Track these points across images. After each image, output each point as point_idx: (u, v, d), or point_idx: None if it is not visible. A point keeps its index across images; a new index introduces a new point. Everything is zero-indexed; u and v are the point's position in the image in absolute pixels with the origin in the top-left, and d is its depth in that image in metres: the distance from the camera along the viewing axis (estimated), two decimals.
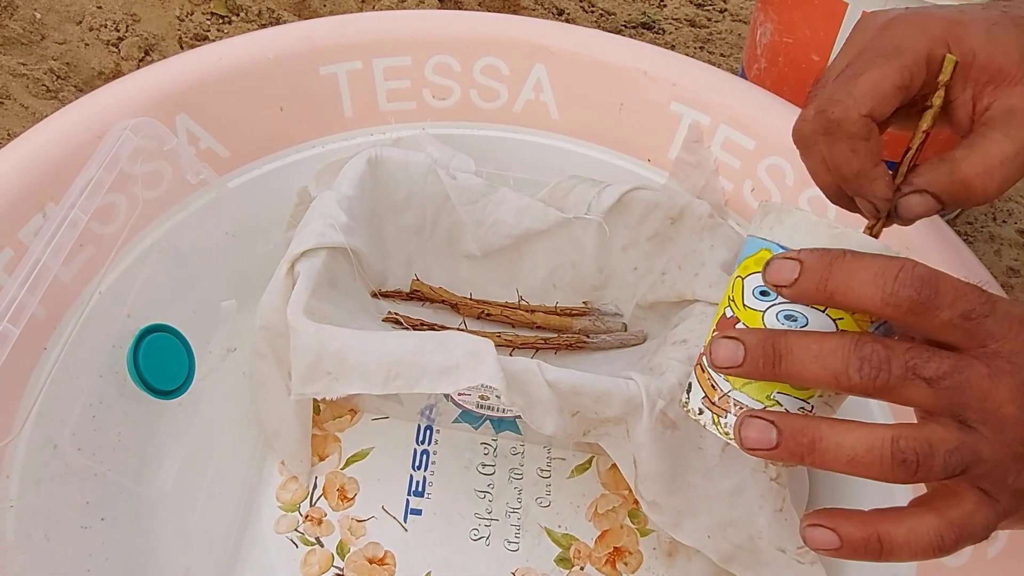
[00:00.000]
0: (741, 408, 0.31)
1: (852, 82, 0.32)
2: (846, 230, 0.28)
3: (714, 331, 0.32)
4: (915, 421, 0.29)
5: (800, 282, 0.28)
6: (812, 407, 0.30)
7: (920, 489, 0.31)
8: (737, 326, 0.31)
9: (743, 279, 0.31)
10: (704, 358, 0.32)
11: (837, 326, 0.29)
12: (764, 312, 0.30)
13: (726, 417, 0.31)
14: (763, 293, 0.30)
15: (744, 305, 0.31)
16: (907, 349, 0.27)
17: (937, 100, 0.33)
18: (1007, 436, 0.27)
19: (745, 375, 0.29)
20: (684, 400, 0.33)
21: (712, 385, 0.32)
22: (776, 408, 0.30)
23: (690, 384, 0.33)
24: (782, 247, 0.29)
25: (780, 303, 0.30)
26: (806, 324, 0.29)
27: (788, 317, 0.29)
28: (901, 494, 0.45)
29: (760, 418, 0.28)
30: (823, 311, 0.29)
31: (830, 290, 0.27)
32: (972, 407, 0.27)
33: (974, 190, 0.32)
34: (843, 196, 0.36)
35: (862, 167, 0.33)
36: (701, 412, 0.32)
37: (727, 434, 0.31)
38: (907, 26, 0.33)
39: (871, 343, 0.27)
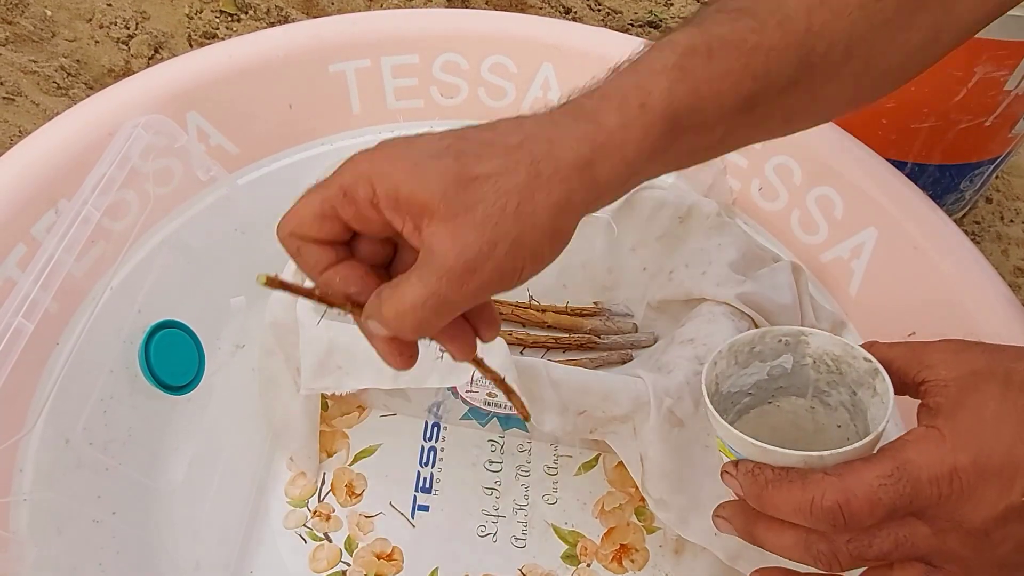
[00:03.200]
0: None
1: (294, 203, 0.32)
2: (767, 447, 0.31)
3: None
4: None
5: (745, 498, 0.32)
6: None
7: None
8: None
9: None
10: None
11: None
12: None
13: None
14: None
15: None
16: (848, 540, 0.30)
17: None
18: (973, 567, 0.30)
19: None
20: None
21: None
22: None
23: None
24: (729, 445, 0.34)
25: None
26: None
27: None
28: None
29: None
30: None
31: (769, 512, 0.31)
32: (930, 557, 0.30)
33: (395, 330, 0.30)
34: None
35: (308, 272, 0.32)
36: None
37: None
38: (340, 164, 0.31)
39: (816, 542, 0.30)
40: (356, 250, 0.32)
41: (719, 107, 0.31)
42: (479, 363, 0.34)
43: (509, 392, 0.36)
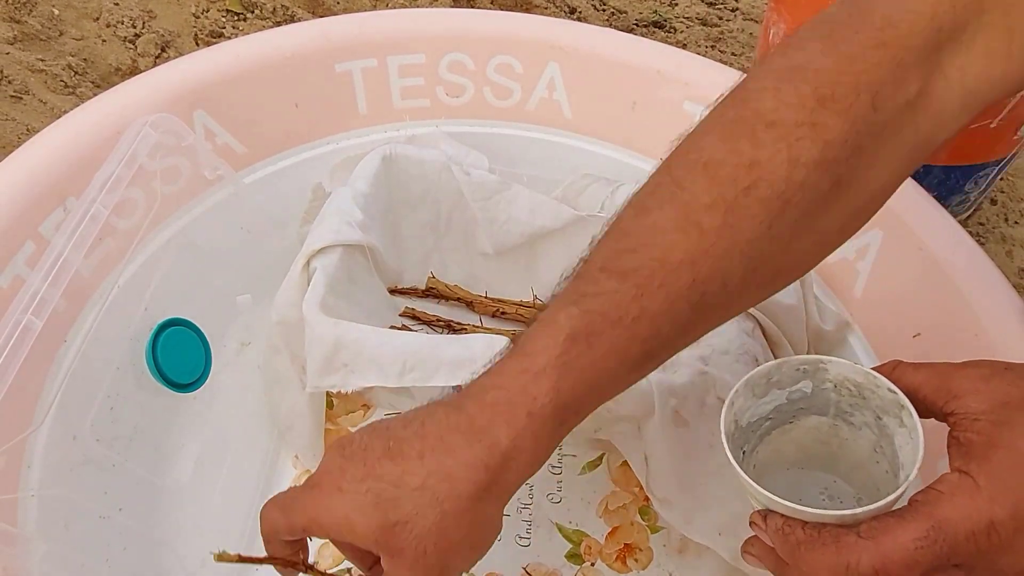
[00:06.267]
0: None
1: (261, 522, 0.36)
2: (795, 507, 0.31)
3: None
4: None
5: (778, 552, 0.32)
6: None
7: None
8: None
9: None
10: None
11: None
12: None
13: None
14: None
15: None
16: None
17: None
18: None
19: None
20: None
21: None
22: None
23: None
24: (756, 500, 0.33)
25: None
26: None
27: None
28: None
29: None
30: None
31: (803, 571, 0.31)
32: None
33: None
34: None
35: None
36: None
37: None
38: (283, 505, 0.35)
39: None
40: None
41: (611, 380, 0.33)
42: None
43: None
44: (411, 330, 0.55)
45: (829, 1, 0.34)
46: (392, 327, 0.52)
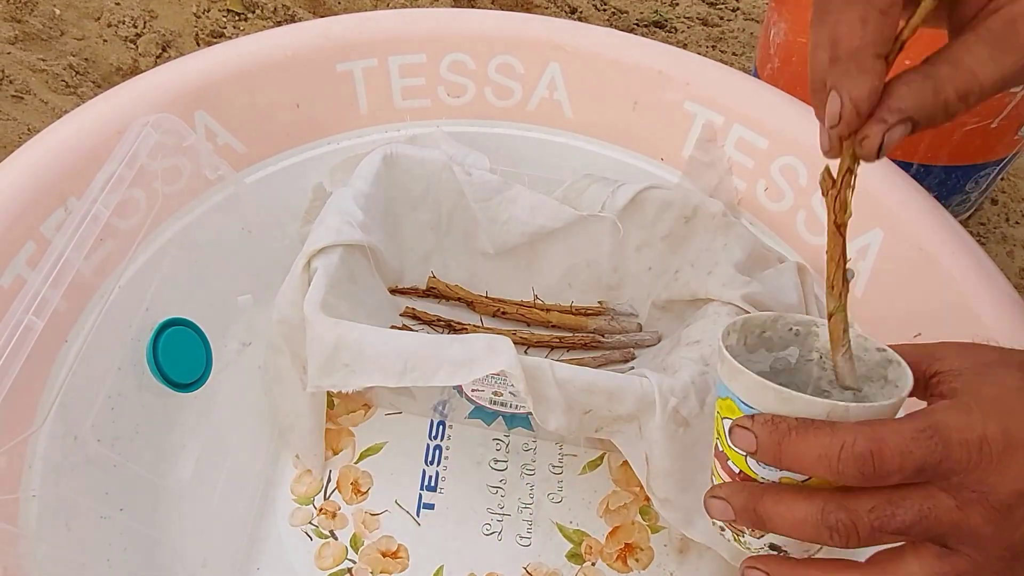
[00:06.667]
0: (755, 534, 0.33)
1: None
2: (791, 394, 0.29)
3: (713, 458, 0.35)
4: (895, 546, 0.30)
5: (759, 454, 0.30)
6: None
7: None
8: (728, 463, 0.33)
9: (722, 420, 0.33)
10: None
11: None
12: (746, 456, 0.32)
13: (744, 536, 0.34)
14: None
15: (729, 446, 0.33)
16: (870, 509, 0.28)
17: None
18: (989, 551, 0.28)
19: (735, 529, 0.33)
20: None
21: None
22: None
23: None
24: (742, 400, 0.31)
25: None
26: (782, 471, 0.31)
27: (767, 465, 0.31)
28: None
29: (757, 568, 0.32)
30: None
31: (785, 465, 0.29)
32: (949, 535, 0.28)
33: (949, 114, 0.29)
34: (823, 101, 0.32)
35: (862, 45, 0.29)
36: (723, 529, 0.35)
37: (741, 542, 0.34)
38: None
39: (835, 511, 0.28)
40: None
41: None
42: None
43: None
44: (412, 330, 0.55)
45: None
46: (393, 327, 0.52)
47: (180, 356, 0.51)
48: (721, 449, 0.34)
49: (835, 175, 0.32)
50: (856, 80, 0.29)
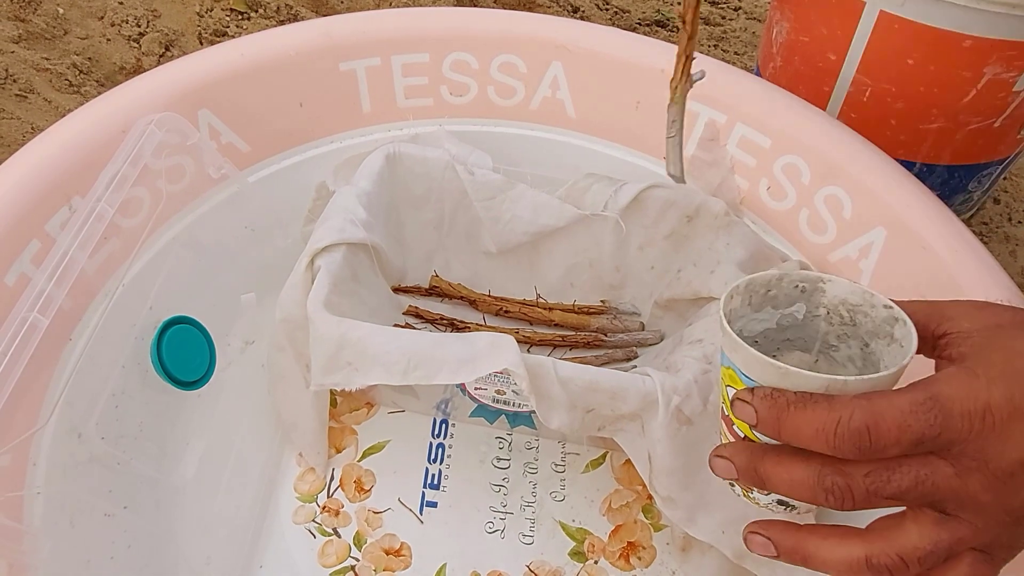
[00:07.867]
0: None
1: None
2: (790, 369, 0.30)
3: (720, 420, 0.35)
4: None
5: (759, 427, 0.30)
6: None
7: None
8: (733, 427, 0.34)
9: (726, 387, 0.33)
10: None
11: None
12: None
13: (753, 493, 0.35)
14: None
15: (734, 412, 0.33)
16: (867, 474, 0.28)
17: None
18: (989, 516, 0.28)
19: (743, 486, 0.34)
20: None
21: None
22: None
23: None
24: (743, 372, 0.32)
25: None
26: None
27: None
28: None
29: (759, 534, 0.32)
30: None
31: (784, 438, 0.30)
32: (947, 502, 0.28)
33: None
34: None
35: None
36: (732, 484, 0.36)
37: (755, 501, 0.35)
38: None
39: (831, 475, 0.29)
40: None
41: None
42: None
43: None
44: (415, 328, 0.55)
45: (831, 0, 0.33)
46: (396, 325, 0.53)
47: (184, 354, 0.51)
48: (727, 413, 0.34)
49: None
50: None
